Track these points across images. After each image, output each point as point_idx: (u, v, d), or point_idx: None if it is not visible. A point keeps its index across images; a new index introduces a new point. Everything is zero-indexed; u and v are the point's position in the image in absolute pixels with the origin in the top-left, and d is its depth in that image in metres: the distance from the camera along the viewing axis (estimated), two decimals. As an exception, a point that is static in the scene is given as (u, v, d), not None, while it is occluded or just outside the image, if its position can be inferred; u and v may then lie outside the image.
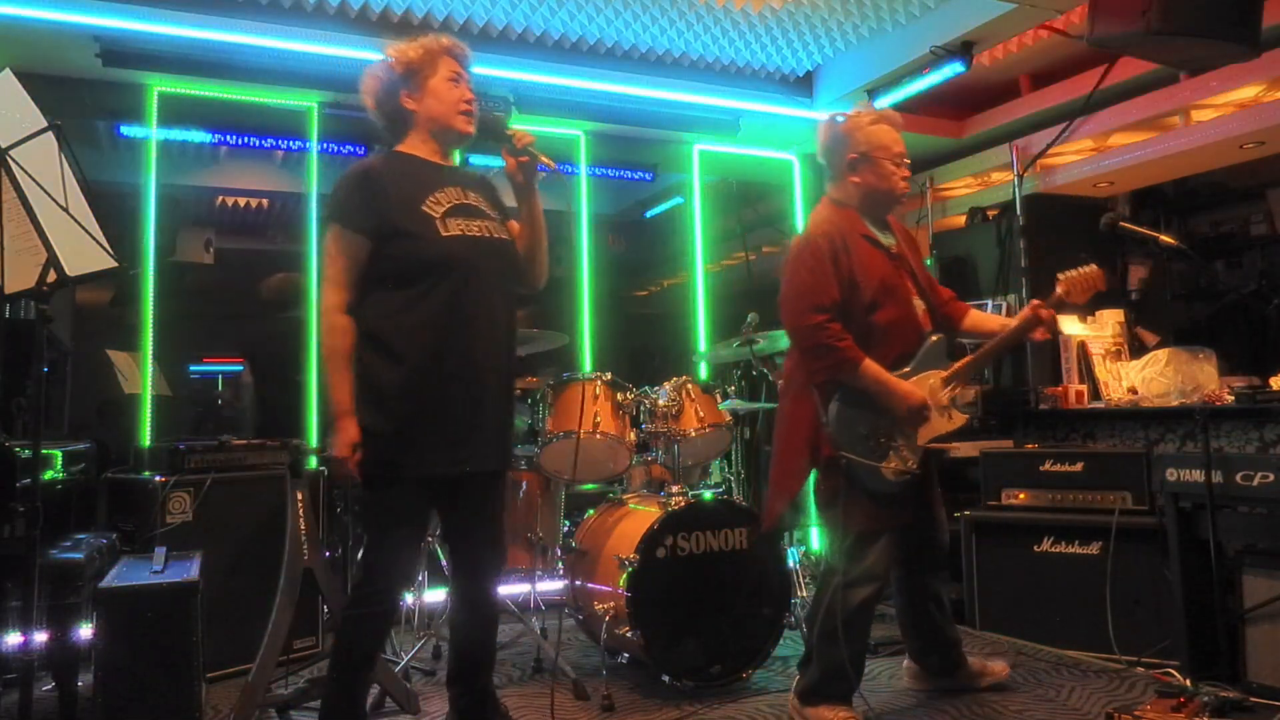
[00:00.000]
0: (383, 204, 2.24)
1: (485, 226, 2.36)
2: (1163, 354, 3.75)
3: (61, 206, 2.12)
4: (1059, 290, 2.66)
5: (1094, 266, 2.66)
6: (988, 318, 2.90)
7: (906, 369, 2.58)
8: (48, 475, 2.88)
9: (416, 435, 2.23)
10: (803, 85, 4.69)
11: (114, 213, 4.20)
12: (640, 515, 3.10)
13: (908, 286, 2.65)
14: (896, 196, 2.68)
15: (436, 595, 3.69)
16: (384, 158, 2.37)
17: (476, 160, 2.56)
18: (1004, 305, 4.59)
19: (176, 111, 3.99)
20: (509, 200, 2.51)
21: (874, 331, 2.53)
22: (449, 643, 2.53)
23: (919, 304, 2.68)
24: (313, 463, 3.50)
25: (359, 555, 2.39)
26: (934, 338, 2.64)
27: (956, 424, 2.62)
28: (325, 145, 4.30)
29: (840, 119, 2.70)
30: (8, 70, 2.23)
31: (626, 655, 3.20)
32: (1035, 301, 2.69)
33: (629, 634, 2.86)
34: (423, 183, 2.31)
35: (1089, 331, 4.28)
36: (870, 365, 2.48)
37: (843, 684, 2.58)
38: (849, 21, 4.11)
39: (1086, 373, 4.10)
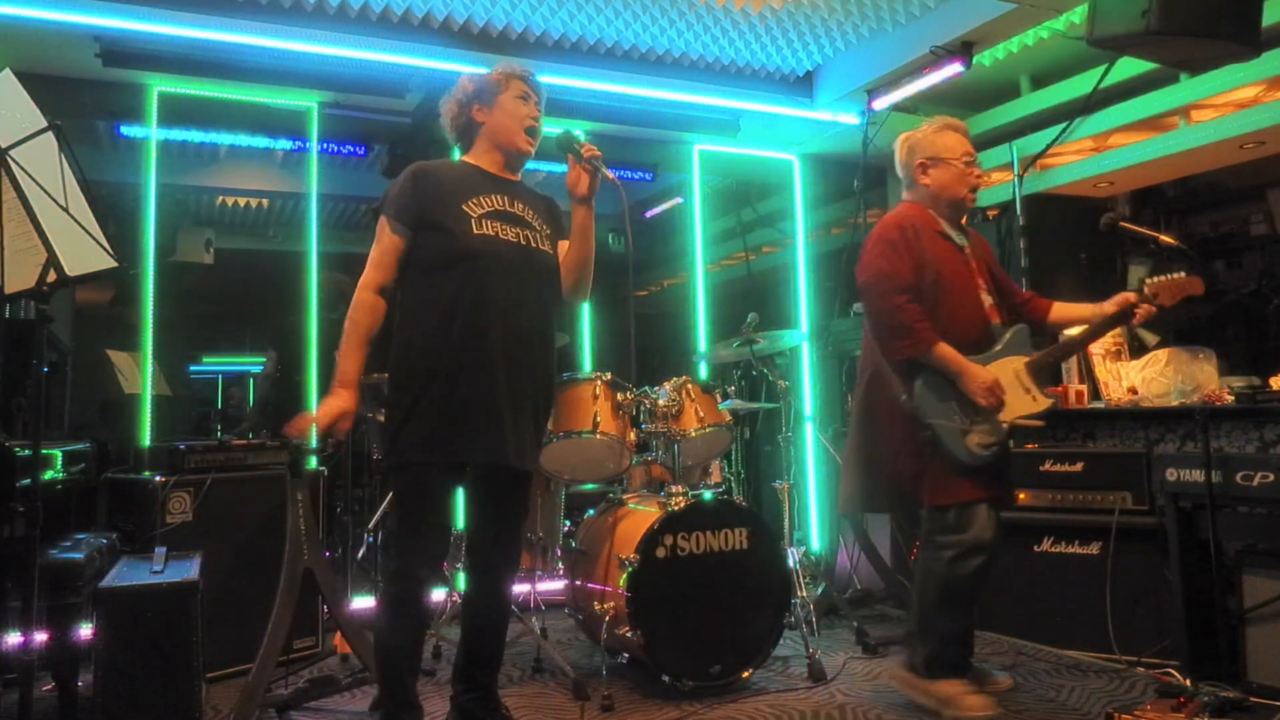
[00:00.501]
0: (424, 199, 2.35)
1: (523, 235, 2.43)
2: (1163, 354, 3.74)
3: (61, 206, 2.12)
4: (1147, 291, 2.73)
5: (1183, 274, 2.74)
6: (1076, 307, 2.94)
7: (996, 349, 2.70)
8: (48, 475, 2.88)
9: (422, 421, 2.27)
10: (803, 85, 4.68)
11: (114, 213, 4.22)
12: (640, 515, 3.10)
13: (976, 282, 2.79)
14: (965, 194, 2.81)
15: (437, 595, 3.68)
16: (445, 161, 2.50)
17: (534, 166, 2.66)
18: None
19: (176, 111, 3.99)
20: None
21: (939, 319, 2.65)
22: (459, 638, 2.54)
23: (987, 299, 2.79)
24: (313, 463, 3.50)
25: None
26: (1014, 329, 2.76)
27: (1041, 406, 2.71)
28: (325, 145, 4.31)
29: (911, 134, 2.88)
30: (8, 70, 2.23)
31: (626, 655, 3.20)
32: (1128, 294, 2.75)
33: (629, 634, 2.86)
34: (471, 186, 2.41)
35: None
36: (944, 346, 2.61)
37: (960, 652, 2.67)
38: (849, 21, 4.11)
39: (1086, 373, 4.09)
